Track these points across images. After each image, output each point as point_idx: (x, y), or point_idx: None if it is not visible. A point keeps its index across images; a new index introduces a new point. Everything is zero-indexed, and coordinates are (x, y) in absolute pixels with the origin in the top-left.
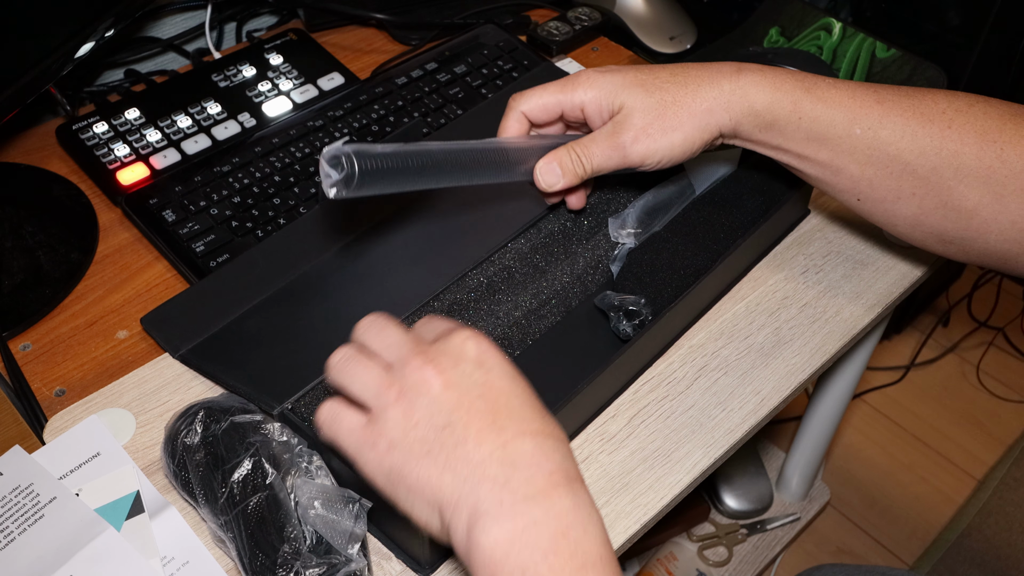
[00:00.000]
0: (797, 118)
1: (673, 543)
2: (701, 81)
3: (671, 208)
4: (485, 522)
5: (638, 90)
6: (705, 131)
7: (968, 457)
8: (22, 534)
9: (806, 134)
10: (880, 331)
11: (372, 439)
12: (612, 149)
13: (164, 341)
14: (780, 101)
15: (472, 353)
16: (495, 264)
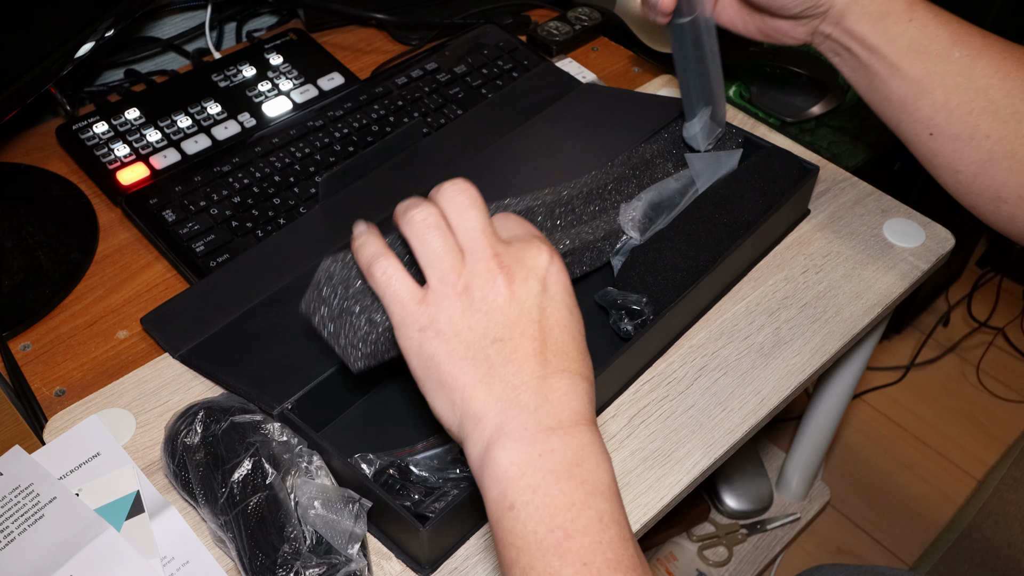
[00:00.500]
0: (908, 19)
1: (673, 543)
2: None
3: (676, 203)
4: (505, 442)
5: None
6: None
7: (968, 457)
8: (22, 534)
9: (909, 41)
10: (880, 331)
11: (421, 320)
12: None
13: (164, 341)
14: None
15: (543, 270)
16: None
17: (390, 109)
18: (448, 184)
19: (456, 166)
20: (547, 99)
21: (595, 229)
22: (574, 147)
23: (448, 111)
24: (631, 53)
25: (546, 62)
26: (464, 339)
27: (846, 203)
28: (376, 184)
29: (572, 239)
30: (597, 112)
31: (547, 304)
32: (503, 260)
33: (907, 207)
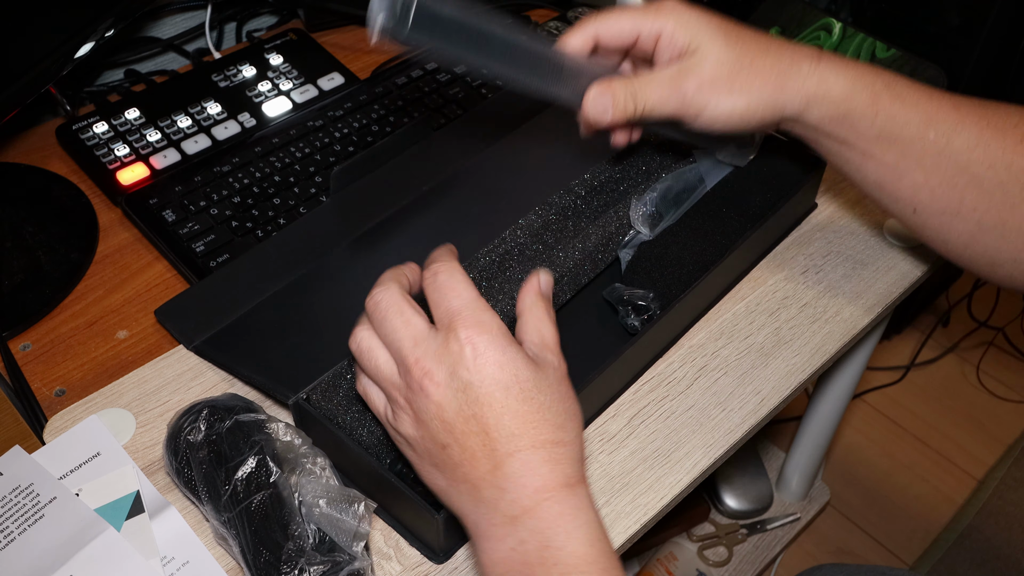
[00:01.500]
0: (873, 113)
1: (673, 543)
2: (783, 54)
3: (684, 200)
4: (483, 543)
5: (720, 38)
6: (771, 106)
7: (968, 457)
8: (22, 534)
9: (879, 131)
10: (880, 331)
11: (395, 436)
12: (672, 93)
13: (178, 333)
14: (859, 92)
15: (463, 361)
16: (506, 242)
17: (390, 109)
18: (375, 287)
19: (466, 160)
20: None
21: (602, 227)
22: (583, 141)
23: (448, 111)
24: None
25: None
26: (424, 449)
27: (846, 203)
28: (387, 178)
29: (571, 252)
30: None
31: (476, 393)
32: (424, 365)
33: None
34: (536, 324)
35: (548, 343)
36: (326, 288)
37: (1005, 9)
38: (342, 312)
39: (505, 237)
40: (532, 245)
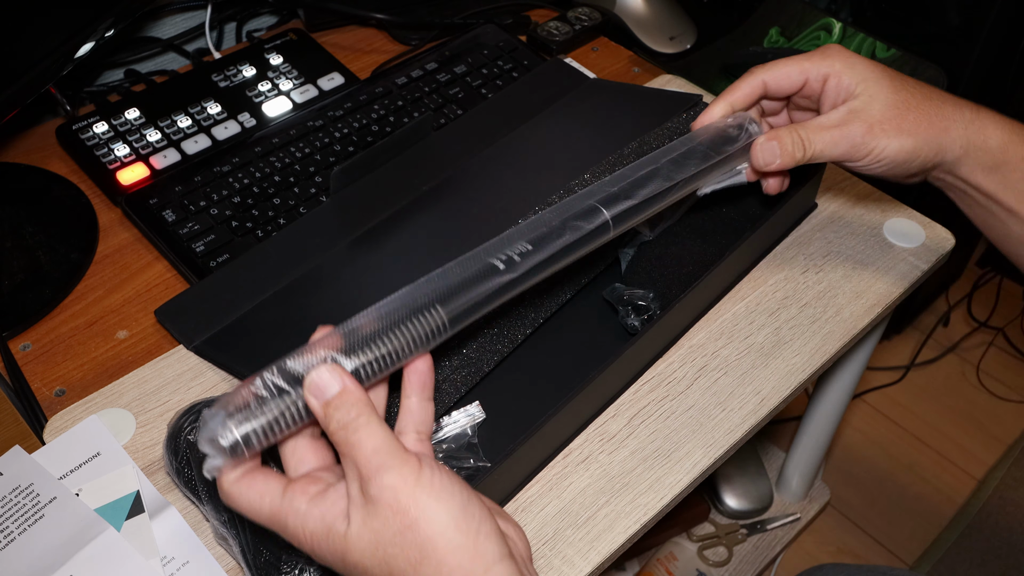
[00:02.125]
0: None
1: (673, 543)
2: (945, 100)
3: (688, 200)
4: None
5: (886, 82)
6: (935, 149)
7: (968, 457)
8: (22, 534)
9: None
10: (880, 331)
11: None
12: (841, 136)
13: (178, 332)
14: (1016, 144)
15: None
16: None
17: (390, 109)
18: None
19: (467, 160)
20: (556, 94)
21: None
22: (583, 141)
23: (448, 111)
24: (631, 53)
25: (553, 59)
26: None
27: (846, 203)
28: (387, 178)
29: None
30: (605, 107)
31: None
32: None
33: (907, 207)
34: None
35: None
36: (326, 288)
37: (1005, 9)
38: (342, 312)
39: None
40: None
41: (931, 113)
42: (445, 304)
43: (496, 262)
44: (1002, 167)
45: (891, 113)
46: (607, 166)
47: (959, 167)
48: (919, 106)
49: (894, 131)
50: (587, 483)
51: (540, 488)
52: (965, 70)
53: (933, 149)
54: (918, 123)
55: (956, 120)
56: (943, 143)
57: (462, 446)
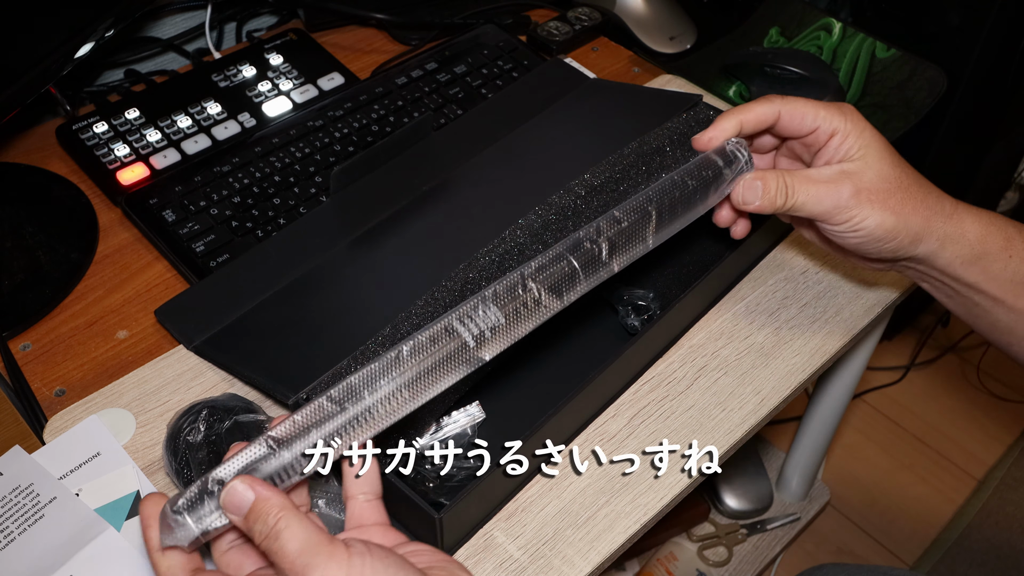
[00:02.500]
0: (1007, 256)
1: (673, 543)
2: (931, 191)
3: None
4: None
5: (887, 156)
6: (913, 235)
7: (968, 457)
8: (22, 534)
9: (1012, 275)
10: (880, 331)
11: None
12: (827, 194)
13: (178, 332)
14: (993, 235)
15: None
16: (506, 242)
17: (390, 109)
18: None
19: (467, 160)
20: (556, 94)
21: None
22: (584, 141)
23: (448, 111)
24: (631, 53)
25: (553, 59)
26: None
27: None
28: (386, 178)
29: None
30: (606, 107)
31: None
32: None
33: None
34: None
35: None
36: (326, 288)
37: (1005, 9)
38: (342, 312)
39: (505, 237)
40: (532, 245)
41: (917, 200)
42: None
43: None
44: (982, 258)
45: (882, 186)
46: (607, 166)
47: (937, 259)
48: (909, 189)
49: (879, 205)
50: (587, 483)
51: (540, 488)
52: (965, 70)
53: (912, 235)
54: (903, 205)
55: (937, 212)
56: (922, 233)
57: (462, 446)
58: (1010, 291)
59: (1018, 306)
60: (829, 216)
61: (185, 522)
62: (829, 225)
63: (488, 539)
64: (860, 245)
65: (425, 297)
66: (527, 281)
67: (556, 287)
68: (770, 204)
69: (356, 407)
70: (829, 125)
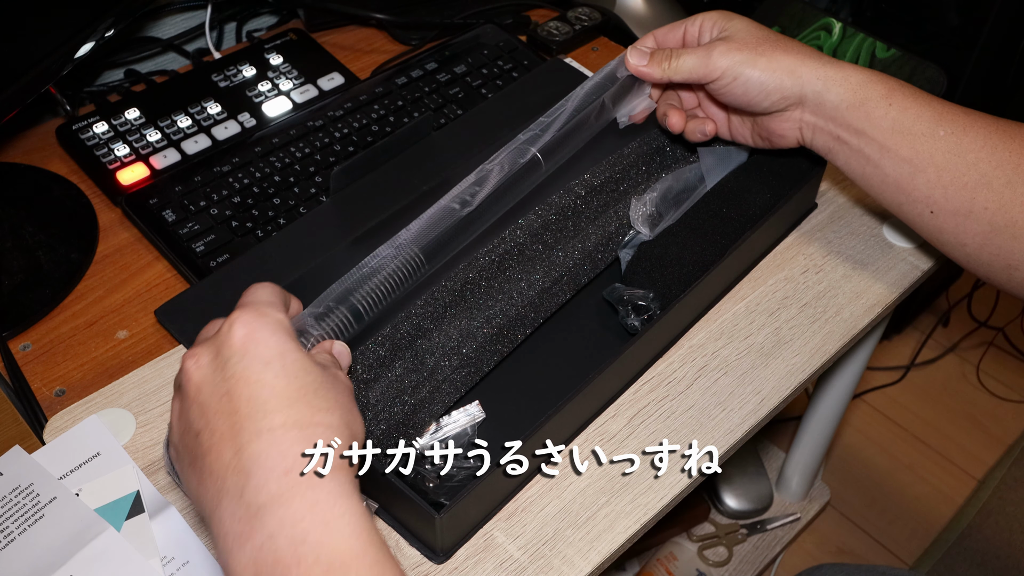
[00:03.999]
0: (887, 103)
1: (673, 543)
2: (802, 45)
3: (684, 199)
4: (229, 543)
5: (751, 25)
6: (791, 75)
7: (968, 457)
8: (22, 534)
9: (892, 123)
10: (880, 331)
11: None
12: (700, 56)
13: (178, 332)
14: (874, 82)
15: (235, 339)
16: (506, 242)
17: (390, 109)
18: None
19: (467, 160)
20: (556, 94)
21: (602, 227)
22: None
23: (448, 111)
24: None
25: (553, 59)
26: (183, 446)
27: (846, 203)
28: (387, 178)
29: (571, 252)
30: None
31: (234, 369)
32: (194, 350)
33: None
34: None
35: (340, 362)
36: (325, 288)
37: (1005, 9)
38: None
39: (505, 237)
40: (532, 245)
41: (790, 48)
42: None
43: (454, 204)
44: (865, 103)
45: (749, 40)
46: (607, 166)
47: (824, 101)
48: (778, 42)
49: (749, 51)
50: (587, 483)
51: (540, 488)
52: (965, 70)
53: (789, 75)
54: (775, 49)
55: (813, 59)
56: (798, 70)
57: (462, 446)
58: (892, 138)
59: (902, 153)
60: (708, 73)
61: None
62: (714, 85)
63: (488, 539)
64: (747, 93)
65: (425, 297)
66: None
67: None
68: (657, 66)
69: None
70: (692, 24)
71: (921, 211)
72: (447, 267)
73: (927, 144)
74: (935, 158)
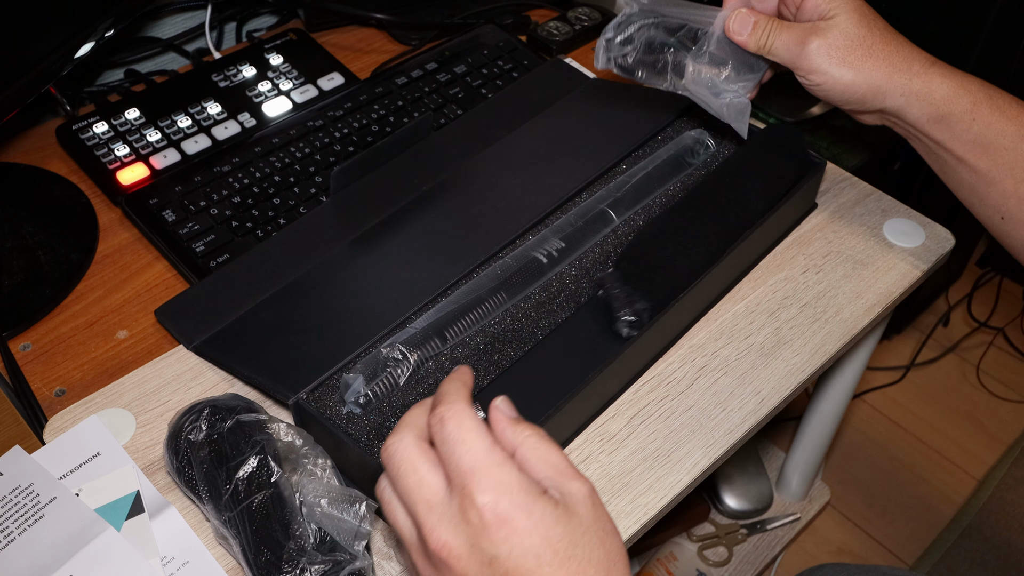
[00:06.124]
0: (971, 118)
1: (673, 543)
2: (901, 50)
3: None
4: None
5: (855, 16)
6: (874, 90)
7: (968, 457)
8: (22, 534)
9: (974, 137)
10: (880, 331)
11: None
12: (797, 43)
13: (178, 332)
14: (960, 97)
15: (492, 530)
16: (504, 257)
17: (390, 109)
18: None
19: (467, 159)
20: (556, 94)
21: (600, 245)
22: (584, 141)
23: (448, 111)
24: None
25: (554, 59)
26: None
27: (846, 203)
28: (387, 178)
29: (568, 269)
30: (606, 107)
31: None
32: (440, 536)
33: (907, 207)
34: (539, 455)
35: (562, 468)
36: (326, 288)
37: (1005, 9)
38: (342, 312)
39: (504, 253)
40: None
41: (880, 57)
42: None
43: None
44: (947, 118)
45: (844, 43)
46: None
47: (904, 115)
48: (874, 46)
49: (838, 59)
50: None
51: None
52: (965, 70)
53: (872, 89)
54: (864, 60)
55: (903, 70)
56: (883, 87)
57: None
58: (971, 152)
59: (979, 166)
60: (796, 64)
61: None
62: (798, 75)
63: None
64: (828, 95)
65: (424, 308)
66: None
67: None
68: (754, 41)
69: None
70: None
71: (992, 215)
72: (447, 268)
73: (1007, 157)
74: (1015, 171)
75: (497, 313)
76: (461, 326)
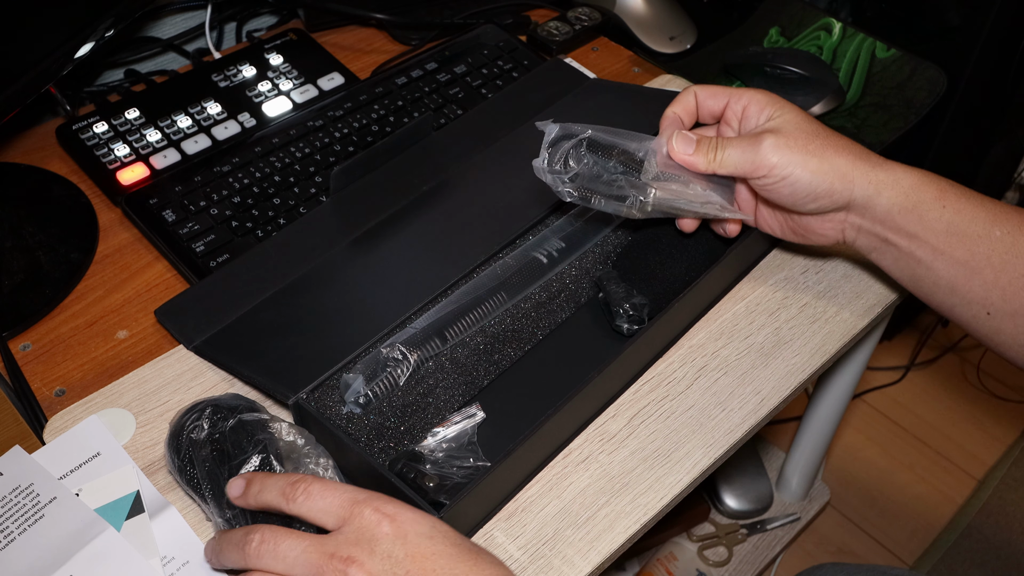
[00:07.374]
0: (941, 205)
1: (673, 543)
2: (853, 144)
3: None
4: None
5: (801, 116)
6: (841, 178)
7: (968, 457)
8: (22, 534)
9: (947, 225)
10: (880, 331)
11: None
12: (749, 148)
13: (178, 332)
14: (927, 184)
15: (385, 528)
16: (504, 257)
17: (390, 109)
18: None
19: (467, 160)
20: (556, 94)
21: (600, 245)
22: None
23: (448, 111)
24: (631, 53)
25: (554, 59)
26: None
27: None
28: (386, 178)
29: (567, 269)
30: (606, 107)
31: (403, 552)
32: (343, 553)
33: None
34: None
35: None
36: (326, 288)
37: (1005, 9)
38: (342, 312)
39: (503, 253)
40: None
41: (840, 147)
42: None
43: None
44: (918, 206)
45: (800, 135)
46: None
47: (876, 205)
48: (829, 138)
49: (799, 149)
50: (587, 483)
51: (540, 488)
52: (965, 70)
53: (839, 175)
54: (824, 148)
55: (864, 159)
56: (850, 173)
57: (462, 446)
58: (946, 241)
59: (956, 256)
60: (754, 167)
61: None
62: (759, 181)
63: (488, 539)
64: (794, 189)
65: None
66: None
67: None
68: (703, 156)
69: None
70: (739, 100)
71: (976, 312)
72: (447, 268)
73: (983, 245)
74: (992, 259)
75: (497, 313)
76: (461, 326)
